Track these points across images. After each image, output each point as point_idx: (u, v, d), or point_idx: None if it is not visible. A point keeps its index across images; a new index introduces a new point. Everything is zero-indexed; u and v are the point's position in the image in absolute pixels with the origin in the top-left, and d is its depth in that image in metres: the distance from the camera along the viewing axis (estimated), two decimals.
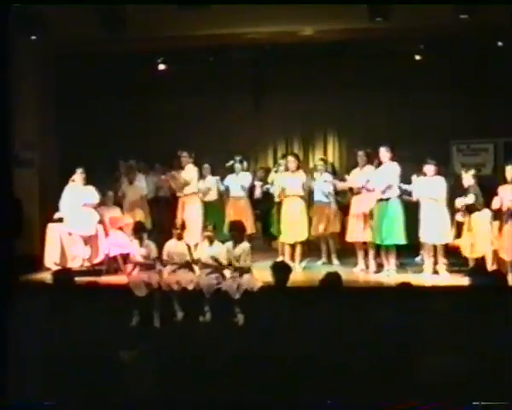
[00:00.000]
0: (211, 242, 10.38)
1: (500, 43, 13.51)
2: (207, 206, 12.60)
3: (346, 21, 11.48)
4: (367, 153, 12.00)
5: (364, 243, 11.88)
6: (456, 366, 4.39)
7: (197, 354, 5.74)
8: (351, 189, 12.12)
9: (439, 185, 11.34)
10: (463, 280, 10.38)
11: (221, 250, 10.26)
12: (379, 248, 11.72)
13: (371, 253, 11.81)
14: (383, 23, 10.67)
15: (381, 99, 14.45)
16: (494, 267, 10.56)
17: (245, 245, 10.21)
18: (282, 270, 7.75)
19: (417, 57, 14.13)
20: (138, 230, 10.55)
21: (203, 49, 13.73)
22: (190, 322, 9.69)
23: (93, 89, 14.20)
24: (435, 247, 11.34)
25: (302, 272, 11.76)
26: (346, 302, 6.49)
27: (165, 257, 10.38)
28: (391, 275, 11.32)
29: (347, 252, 12.43)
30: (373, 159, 11.78)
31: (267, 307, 6.72)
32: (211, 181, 12.83)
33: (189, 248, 10.71)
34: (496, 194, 10.74)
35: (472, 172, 11.12)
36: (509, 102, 13.88)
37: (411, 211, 11.50)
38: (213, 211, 12.51)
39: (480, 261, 10.84)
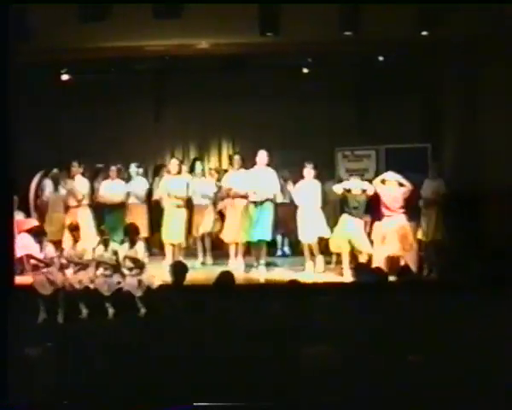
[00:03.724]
0: (106, 245, 10.36)
1: (381, 58, 13.84)
2: (111, 210, 12.46)
3: (238, 36, 11.53)
4: (242, 157, 12.29)
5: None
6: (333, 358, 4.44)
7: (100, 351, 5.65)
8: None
9: (316, 189, 11.63)
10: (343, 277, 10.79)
11: (120, 251, 10.27)
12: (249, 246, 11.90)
13: (240, 251, 11.90)
14: (273, 38, 10.73)
15: (272, 108, 14.55)
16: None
17: (139, 245, 10.28)
18: (179, 269, 7.76)
19: (305, 70, 14.40)
20: (38, 233, 10.58)
21: (105, 61, 13.57)
22: (94, 320, 9.55)
23: None
24: (312, 245, 11.57)
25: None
26: (237, 299, 6.51)
27: (66, 258, 10.32)
28: (260, 269, 11.49)
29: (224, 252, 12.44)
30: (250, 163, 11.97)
31: (164, 305, 6.66)
32: (117, 187, 12.67)
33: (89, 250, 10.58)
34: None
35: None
36: (390, 112, 14.26)
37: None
38: (115, 215, 12.35)
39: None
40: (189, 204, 12.32)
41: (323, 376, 4.26)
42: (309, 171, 11.68)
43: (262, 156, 11.63)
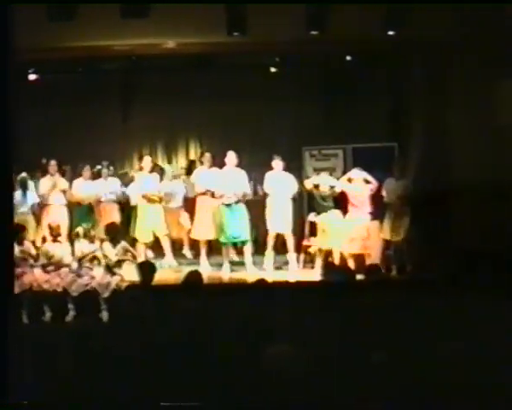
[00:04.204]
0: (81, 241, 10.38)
1: (348, 57, 13.87)
2: (83, 209, 12.36)
3: (206, 35, 11.46)
4: (213, 155, 12.36)
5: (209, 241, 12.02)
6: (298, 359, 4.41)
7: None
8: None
9: (288, 181, 11.69)
10: (312, 276, 10.79)
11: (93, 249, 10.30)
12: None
13: (203, 250, 11.94)
14: (240, 37, 10.71)
15: (239, 108, 14.50)
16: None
17: (122, 244, 10.34)
18: (147, 269, 7.69)
19: (273, 69, 14.36)
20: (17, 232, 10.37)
21: (72, 61, 13.45)
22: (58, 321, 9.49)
23: None
24: (282, 238, 11.60)
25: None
26: (205, 299, 6.46)
27: (43, 258, 10.25)
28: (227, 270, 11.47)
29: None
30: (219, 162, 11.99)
31: (132, 306, 6.59)
32: (90, 186, 12.59)
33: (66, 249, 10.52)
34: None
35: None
36: (357, 111, 14.26)
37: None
38: (85, 214, 12.23)
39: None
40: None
41: (287, 377, 4.23)
42: (277, 162, 11.71)
43: (231, 157, 11.60)
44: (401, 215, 11.24)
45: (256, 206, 12.10)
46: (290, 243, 11.62)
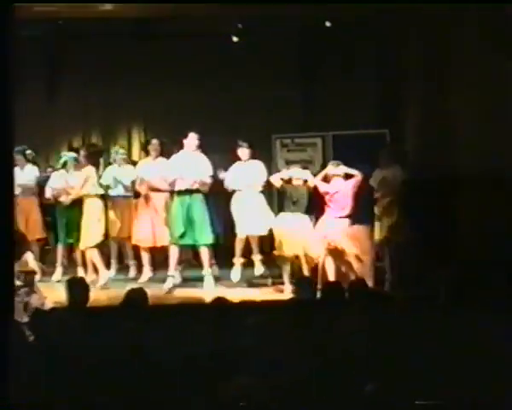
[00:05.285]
0: None
1: (328, 24, 13.77)
2: None
3: None
4: (161, 142, 12.26)
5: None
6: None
7: None
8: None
9: (257, 170, 11.63)
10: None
11: None
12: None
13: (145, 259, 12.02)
14: None
15: (192, 86, 14.45)
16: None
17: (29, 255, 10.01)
18: (78, 287, 7.62)
19: (235, 39, 14.20)
20: None
21: None
22: None
23: None
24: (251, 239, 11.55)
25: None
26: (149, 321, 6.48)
27: None
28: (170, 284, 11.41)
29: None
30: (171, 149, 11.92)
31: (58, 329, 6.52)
32: None
33: None
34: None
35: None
36: (340, 92, 14.24)
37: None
38: None
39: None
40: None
41: None
42: (243, 151, 11.65)
43: (192, 139, 11.48)
44: (392, 214, 11.24)
45: (225, 200, 11.97)
46: (255, 249, 11.58)
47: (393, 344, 5.74)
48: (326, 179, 11.18)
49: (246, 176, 11.54)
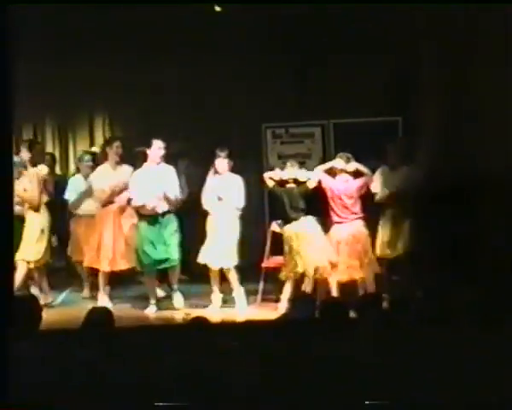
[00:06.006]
0: None
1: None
2: None
3: None
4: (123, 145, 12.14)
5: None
6: None
7: None
8: None
9: (233, 187, 11.54)
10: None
11: None
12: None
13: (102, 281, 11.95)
14: None
15: (162, 66, 14.29)
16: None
17: None
18: (27, 307, 7.43)
19: (217, 8, 13.90)
20: None
21: None
22: None
23: None
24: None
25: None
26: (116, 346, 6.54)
27: None
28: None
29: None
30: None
31: None
32: None
33: None
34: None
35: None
36: (342, 74, 14.10)
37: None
38: None
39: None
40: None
41: None
42: (222, 161, 11.44)
43: (156, 150, 11.39)
44: (401, 221, 11.14)
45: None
46: (234, 279, 11.58)
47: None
48: (330, 174, 11.05)
49: (221, 195, 11.39)
